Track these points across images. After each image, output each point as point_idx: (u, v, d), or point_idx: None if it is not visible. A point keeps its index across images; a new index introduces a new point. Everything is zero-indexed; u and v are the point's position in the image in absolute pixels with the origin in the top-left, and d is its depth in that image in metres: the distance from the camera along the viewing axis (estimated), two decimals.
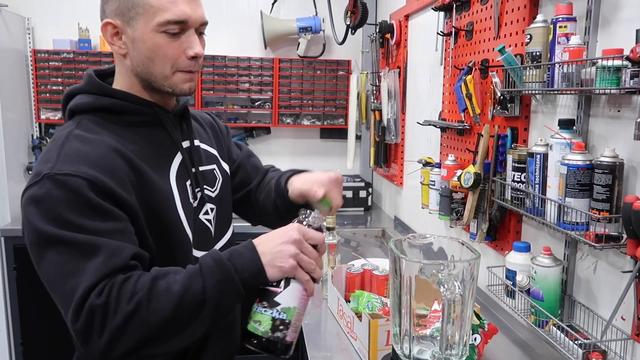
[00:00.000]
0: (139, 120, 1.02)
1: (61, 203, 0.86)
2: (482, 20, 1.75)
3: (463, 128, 1.86)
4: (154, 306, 0.83)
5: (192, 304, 0.84)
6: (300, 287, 0.91)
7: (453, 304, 0.85)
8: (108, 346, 0.82)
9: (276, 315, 0.88)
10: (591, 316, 1.25)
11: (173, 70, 0.99)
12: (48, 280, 0.88)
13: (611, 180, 1.10)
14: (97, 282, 0.83)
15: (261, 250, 0.89)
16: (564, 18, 1.23)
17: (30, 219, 0.87)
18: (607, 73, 1.04)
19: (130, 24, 0.96)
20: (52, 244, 0.85)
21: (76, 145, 0.92)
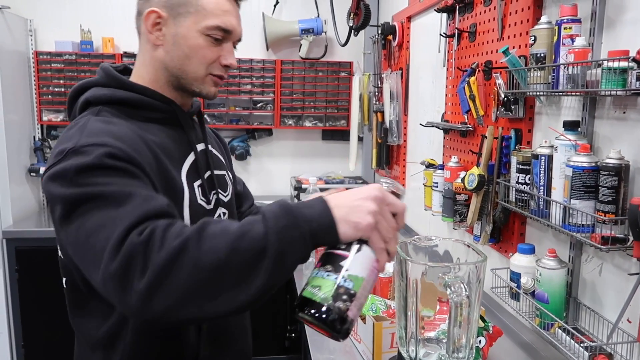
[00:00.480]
0: (157, 117, 1.01)
1: (87, 168, 0.80)
2: (485, 22, 1.75)
3: (466, 130, 1.86)
4: (206, 246, 0.70)
5: (251, 249, 0.70)
6: (373, 256, 0.75)
7: (460, 306, 0.85)
8: (148, 291, 0.69)
9: (341, 282, 0.71)
10: (596, 319, 1.25)
11: (206, 72, 1.01)
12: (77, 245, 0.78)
13: (617, 182, 1.10)
14: (138, 222, 0.74)
15: (334, 203, 0.74)
16: (569, 19, 1.22)
17: (54, 192, 0.80)
18: (613, 74, 1.04)
19: (176, 19, 0.98)
20: (80, 206, 0.78)
21: (99, 125, 0.90)
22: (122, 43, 3.25)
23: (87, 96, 0.98)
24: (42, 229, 2.83)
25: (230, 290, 0.70)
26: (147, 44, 1.01)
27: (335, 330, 0.70)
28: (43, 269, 2.78)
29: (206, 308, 0.70)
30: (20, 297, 2.78)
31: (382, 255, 0.76)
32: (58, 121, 3.20)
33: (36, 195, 3.21)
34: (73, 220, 0.79)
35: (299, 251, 0.72)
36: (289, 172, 3.56)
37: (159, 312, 0.70)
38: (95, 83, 1.00)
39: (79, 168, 0.80)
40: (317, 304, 0.70)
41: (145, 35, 1.00)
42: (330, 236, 0.73)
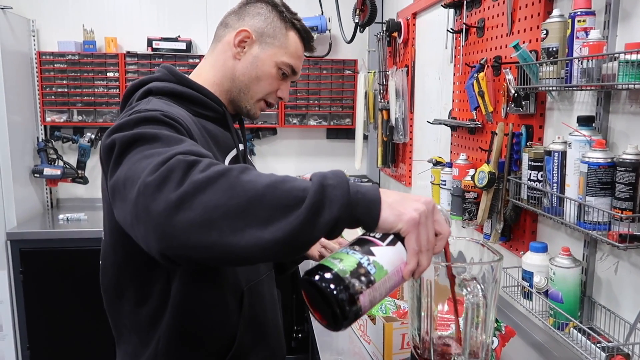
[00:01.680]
0: (208, 114, 1.10)
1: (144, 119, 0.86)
2: (494, 17, 1.72)
3: (475, 126, 1.83)
4: (247, 177, 0.69)
5: (290, 191, 0.68)
6: (403, 257, 0.71)
7: (477, 307, 0.83)
8: (178, 202, 0.67)
9: (364, 262, 0.67)
10: (613, 318, 1.22)
11: (261, 97, 1.16)
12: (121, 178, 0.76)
13: (634, 178, 1.07)
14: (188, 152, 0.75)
15: (385, 192, 0.73)
16: (583, 12, 1.19)
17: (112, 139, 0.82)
18: (631, 67, 1.01)
19: (261, 45, 1.13)
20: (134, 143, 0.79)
21: (161, 103, 0.98)
22: (125, 43, 3.23)
23: (150, 86, 1.05)
24: (46, 230, 2.82)
25: (257, 226, 0.67)
26: (226, 53, 1.13)
27: (340, 306, 0.64)
28: (48, 270, 2.76)
29: (227, 237, 0.67)
30: (25, 299, 2.77)
31: (412, 259, 0.72)
32: (61, 122, 3.19)
33: (40, 196, 3.20)
34: (125, 156, 0.79)
35: (337, 211, 0.68)
36: (294, 171, 3.54)
37: (181, 227, 0.67)
38: (157, 78, 1.08)
39: (138, 119, 0.86)
40: (334, 272, 0.66)
41: (228, 45, 1.13)
42: (371, 212, 0.70)
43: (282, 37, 1.14)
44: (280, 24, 1.14)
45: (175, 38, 3.17)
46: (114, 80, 3.14)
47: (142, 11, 3.28)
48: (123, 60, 3.12)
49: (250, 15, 1.13)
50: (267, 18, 1.13)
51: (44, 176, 3.09)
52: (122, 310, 1.04)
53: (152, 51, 3.15)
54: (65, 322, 2.80)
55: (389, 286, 0.71)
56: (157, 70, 1.12)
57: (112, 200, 0.80)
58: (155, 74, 1.10)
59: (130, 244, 0.85)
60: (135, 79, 1.10)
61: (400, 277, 0.72)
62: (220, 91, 1.14)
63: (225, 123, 1.13)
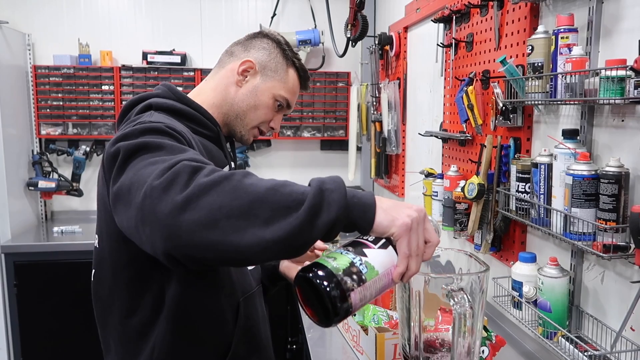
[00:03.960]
0: (204, 132, 1.14)
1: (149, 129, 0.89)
2: (482, 32, 1.76)
3: (465, 139, 1.86)
4: (249, 181, 0.74)
5: (290, 194, 0.73)
6: (394, 261, 0.76)
7: (464, 317, 0.85)
8: (183, 203, 0.70)
9: (357, 262, 0.73)
10: (599, 327, 1.24)
11: (256, 125, 1.22)
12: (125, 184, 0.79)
13: (617, 190, 1.10)
14: (192, 159, 0.78)
15: (379, 200, 0.77)
16: (566, 29, 1.23)
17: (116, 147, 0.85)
18: (611, 83, 1.04)
19: (263, 77, 1.20)
20: (138, 151, 0.83)
21: (161, 117, 1.02)
22: (120, 56, 3.26)
23: (150, 102, 1.08)
24: (40, 243, 2.83)
25: (258, 225, 0.71)
26: (228, 79, 1.20)
27: (331, 301, 0.69)
28: (42, 283, 2.76)
29: (230, 236, 0.70)
30: (19, 312, 2.76)
31: (402, 262, 0.76)
32: (56, 135, 3.20)
33: (35, 209, 3.20)
34: (130, 164, 0.82)
35: (335, 214, 0.72)
36: None
37: (186, 226, 0.70)
38: (157, 95, 1.12)
39: (144, 129, 0.89)
40: (327, 270, 0.71)
41: (232, 72, 1.19)
42: (366, 216, 0.75)
43: (283, 73, 1.21)
44: (282, 60, 1.21)
45: (170, 51, 3.20)
46: (109, 93, 3.16)
47: (137, 25, 3.31)
48: (118, 74, 3.15)
49: (256, 49, 1.21)
50: (271, 53, 1.21)
51: (39, 189, 3.09)
52: (112, 320, 1.04)
53: (147, 64, 3.17)
54: (59, 335, 2.80)
55: (379, 286, 0.75)
56: (157, 87, 1.16)
57: (113, 206, 0.82)
58: (156, 90, 1.15)
59: (128, 251, 0.88)
60: (131, 92, 1.17)
61: (390, 279, 0.76)
62: (218, 113, 1.19)
63: (219, 142, 1.18)
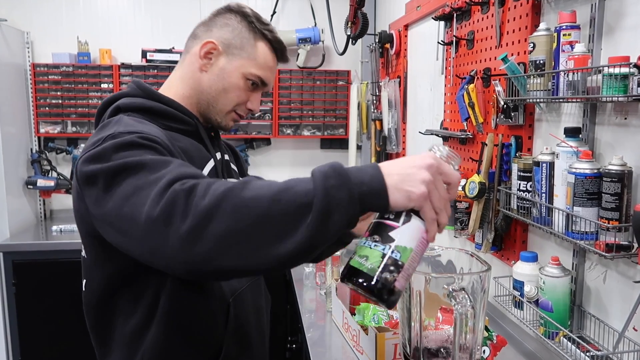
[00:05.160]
0: (180, 127, 1.07)
1: (122, 145, 0.84)
2: (483, 29, 1.75)
3: (466, 137, 1.85)
4: (249, 194, 0.70)
5: (294, 202, 0.69)
6: (422, 227, 0.73)
7: (465, 317, 0.84)
8: (191, 234, 0.69)
9: (388, 253, 0.71)
10: (602, 327, 1.23)
11: (232, 109, 1.12)
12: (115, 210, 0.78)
13: (620, 188, 1.09)
14: (180, 177, 0.75)
15: (387, 171, 0.71)
16: (568, 26, 1.22)
17: (92, 170, 0.82)
18: (614, 81, 1.03)
19: (228, 56, 1.09)
20: (120, 174, 0.79)
21: (132, 121, 0.97)
22: (119, 54, 3.24)
23: (118, 104, 1.04)
24: (39, 242, 2.81)
25: (270, 244, 0.69)
26: (193, 65, 1.10)
27: (382, 300, 0.71)
28: (41, 282, 2.75)
29: (244, 260, 0.70)
30: (18, 311, 2.75)
31: (432, 226, 0.73)
32: (55, 133, 3.19)
33: (33, 207, 3.19)
34: (114, 189, 0.79)
35: (346, 213, 0.69)
36: None
37: (200, 257, 0.70)
38: (126, 94, 1.07)
39: (116, 146, 0.84)
40: (365, 274, 0.70)
41: (195, 57, 1.09)
42: (380, 202, 0.71)
43: (250, 48, 1.10)
44: (248, 34, 1.10)
45: (170, 49, 3.18)
46: (108, 91, 3.14)
47: (136, 23, 3.30)
48: (117, 72, 3.13)
49: (218, 26, 1.10)
50: (234, 29, 1.09)
51: (38, 187, 3.08)
52: (108, 325, 1.02)
53: (147, 62, 3.16)
54: (58, 334, 2.78)
55: (419, 257, 0.74)
56: (128, 85, 1.10)
57: (103, 230, 0.84)
58: (125, 89, 1.09)
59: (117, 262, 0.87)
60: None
61: (425, 245, 0.75)
62: (191, 104, 1.11)
63: (199, 135, 1.10)
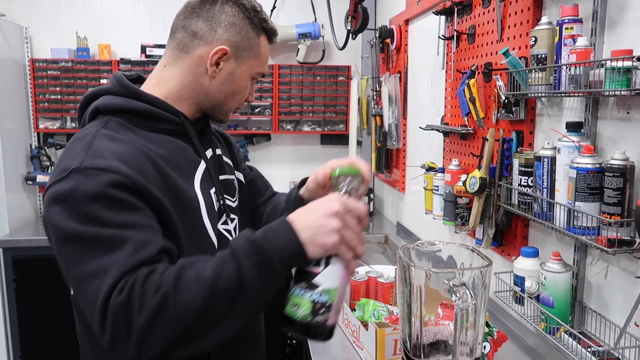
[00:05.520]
0: (166, 128, 1.01)
1: (88, 197, 0.81)
2: (484, 24, 1.74)
3: (467, 132, 1.84)
4: (182, 298, 0.75)
5: (226, 291, 0.76)
6: (342, 266, 0.81)
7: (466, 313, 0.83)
8: (138, 348, 0.74)
9: (316, 298, 0.78)
10: (603, 323, 1.23)
11: (235, 108, 1.10)
12: (75, 283, 0.82)
13: (622, 183, 1.08)
14: (120, 277, 0.77)
15: (300, 226, 0.79)
16: (570, 19, 1.21)
17: (53, 218, 0.82)
18: (617, 74, 1.02)
19: (237, 59, 1.03)
20: (76, 242, 0.81)
21: (105, 143, 0.90)
22: (118, 49, 3.23)
23: (97, 104, 0.99)
24: (39, 238, 2.81)
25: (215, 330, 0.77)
26: (198, 69, 1.02)
27: (321, 338, 0.80)
28: (41, 278, 2.75)
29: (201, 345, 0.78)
30: (18, 307, 2.75)
31: (350, 263, 0.82)
32: (54, 129, 3.18)
33: (33, 203, 3.19)
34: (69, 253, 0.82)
35: (274, 282, 0.79)
36: (288, 177, 3.54)
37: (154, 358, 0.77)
38: (107, 91, 1.01)
39: (81, 196, 0.82)
40: (299, 322, 0.79)
41: (200, 61, 1.02)
42: (300, 260, 0.80)
43: (256, 47, 1.05)
44: (252, 32, 1.04)
45: None
46: None
47: (135, 18, 3.29)
48: (117, 67, 3.12)
49: (224, 26, 1.01)
50: (241, 29, 1.02)
51: (37, 183, 3.07)
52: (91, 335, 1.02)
53: (146, 58, 3.15)
54: (58, 330, 2.78)
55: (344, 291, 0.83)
56: (110, 79, 1.05)
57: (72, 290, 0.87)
58: (106, 85, 1.03)
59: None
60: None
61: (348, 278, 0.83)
62: (189, 104, 1.04)
63: (186, 134, 1.04)
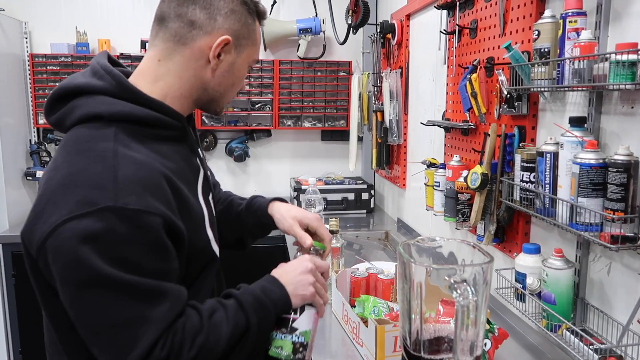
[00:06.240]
0: (170, 135, 0.96)
1: (126, 242, 0.78)
2: (486, 18, 1.72)
3: (468, 128, 1.82)
4: (212, 346, 0.85)
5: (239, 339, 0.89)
6: (314, 311, 1.00)
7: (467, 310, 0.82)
8: None
9: (296, 340, 0.97)
10: (606, 320, 1.21)
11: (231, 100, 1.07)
12: (94, 326, 0.80)
13: (626, 179, 1.07)
14: (163, 332, 0.80)
15: (284, 281, 0.97)
16: (574, 12, 1.19)
17: (85, 258, 0.76)
18: (622, 68, 1.01)
19: (237, 49, 0.98)
20: (112, 289, 0.77)
21: (130, 170, 0.83)
22: (118, 45, 3.22)
23: (98, 109, 0.88)
24: None
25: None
26: (198, 62, 0.95)
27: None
28: None
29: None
30: (17, 303, 2.74)
31: (322, 308, 1.02)
32: None
33: (33, 199, 3.16)
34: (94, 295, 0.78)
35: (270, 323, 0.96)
36: (288, 173, 3.53)
37: None
38: (101, 90, 0.89)
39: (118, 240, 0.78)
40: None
41: (201, 54, 0.95)
42: (286, 309, 0.97)
43: (253, 33, 1.00)
44: (249, 18, 0.99)
45: None
46: None
47: (135, 13, 3.27)
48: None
49: (223, 15, 0.94)
50: (241, 16, 0.96)
51: (37, 179, 3.06)
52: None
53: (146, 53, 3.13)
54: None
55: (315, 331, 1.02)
56: (94, 72, 0.91)
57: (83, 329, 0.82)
58: (96, 79, 0.90)
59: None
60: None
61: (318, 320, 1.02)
62: (188, 103, 0.99)
63: (185, 138, 1.00)
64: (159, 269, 0.82)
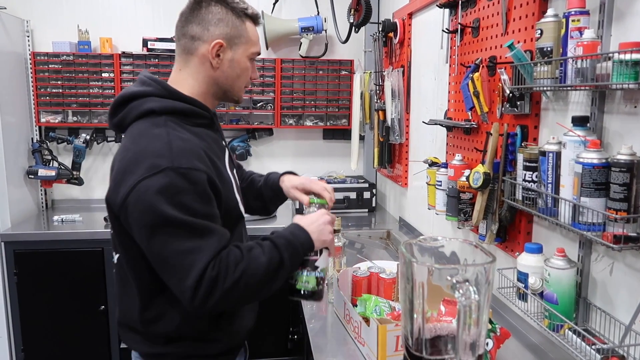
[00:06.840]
0: (202, 122, 1.25)
1: (184, 191, 1.06)
2: (489, 17, 1.71)
3: (470, 127, 1.82)
4: (251, 272, 1.10)
5: (275, 270, 1.14)
6: (327, 252, 1.27)
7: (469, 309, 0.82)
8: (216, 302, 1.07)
9: (318, 275, 1.24)
10: (608, 320, 1.21)
11: (245, 86, 1.31)
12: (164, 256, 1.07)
13: (629, 178, 1.06)
14: (213, 258, 1.06)
15: (310, 229, 1.22)
16: (577, 11, 1.19)
17: (156, 205, 1.04)
18: (625, 67, 1.00)
19: (232, 47, 1.24)
20: (176, 227, 1.05)
21: (180, 144, 1.11)
22: (120, 43, 3.22)
23: (151, 106, 1.17)
24: (40, 232, 2.80)
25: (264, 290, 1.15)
26: (204, 64, 1.23)
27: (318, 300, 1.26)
28: (42, 271, 2.75)
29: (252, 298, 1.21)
30: (20, 301, 2.74)
31: (332, 248, 1.30)
32: (56, 123, 3.17)
33: (35, 197, 3.18)
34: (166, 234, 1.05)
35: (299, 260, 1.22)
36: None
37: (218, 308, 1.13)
38: (152, 93, 1.19)
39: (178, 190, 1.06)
40: (310, 291, 1.24)
41: (204, 58, 1.22)
42: (310, 249, 1.23)
43: (244, 32, 1.24)
44: (237, 21, 1.23)
45: (171, 38, 3.15)
46: (109, 80, 3.12)
47: (137, 11, 3.27)
48: (118, 61, 3.11)
49: (214, 23, 1.21)
50: (228, 22, 1.22)
51: (39, 177, 3.07)
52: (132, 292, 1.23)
53: (148, 51, 3.13)
54: (60, 324, 2.79)
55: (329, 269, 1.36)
56: (143, 82, 1.21)
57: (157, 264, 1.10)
58: (144, 86, 1.20)
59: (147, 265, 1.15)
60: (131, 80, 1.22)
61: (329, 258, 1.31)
62: (206, 97, 1.26)
63: (214, 126, 1.29)
64: (208, 212, 1.10)
